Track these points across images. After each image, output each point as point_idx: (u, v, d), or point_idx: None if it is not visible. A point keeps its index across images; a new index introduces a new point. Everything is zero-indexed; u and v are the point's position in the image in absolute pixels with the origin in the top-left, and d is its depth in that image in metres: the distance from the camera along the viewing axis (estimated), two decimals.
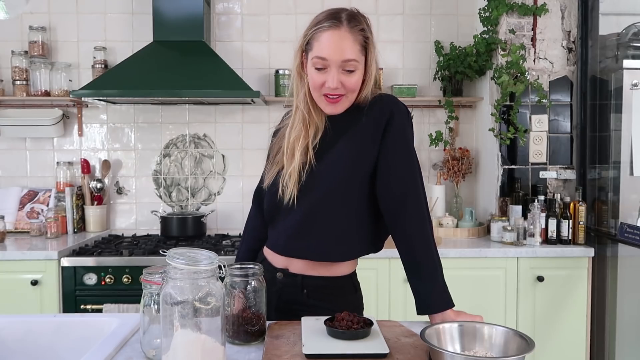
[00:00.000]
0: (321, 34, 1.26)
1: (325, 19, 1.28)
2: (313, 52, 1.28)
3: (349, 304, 1.38)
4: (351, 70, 1.28)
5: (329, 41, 1.25)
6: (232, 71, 2.72)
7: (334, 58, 1.26)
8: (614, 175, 2.61)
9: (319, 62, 1.27)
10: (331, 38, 1.25)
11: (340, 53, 1.25)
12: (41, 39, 2.97)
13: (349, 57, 1.26)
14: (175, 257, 0.98)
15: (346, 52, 1.25)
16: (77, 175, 3.09)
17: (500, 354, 1.06)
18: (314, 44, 1.28)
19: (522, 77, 2.73)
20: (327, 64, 1.26)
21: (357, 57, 1.27)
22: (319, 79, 1.28)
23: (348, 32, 1.26)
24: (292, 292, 1.40)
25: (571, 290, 2.55)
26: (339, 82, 1.27)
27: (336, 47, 1.25)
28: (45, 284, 2.45)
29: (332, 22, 1.26)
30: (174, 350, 0.97)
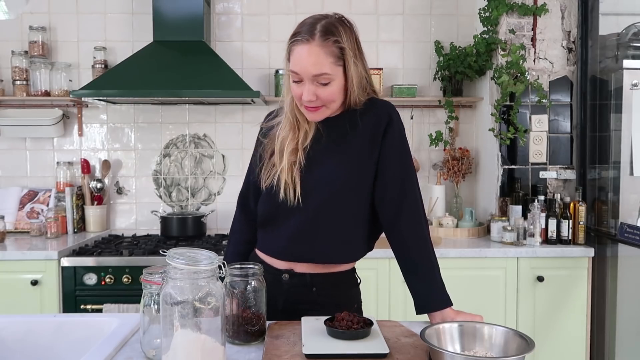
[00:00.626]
0: (294, 48, 1.28)
1: (300, 29, 1.29)
2: (290, 64, 1.30)
3: (353, 297, 1.45)
4: (325, 83, 1.28)
5: (300, 56, 1.27)
6: (232, 71, 2.72)
7: (304, 73, 1.27)
8: (614, 175, 2.61)
9: (294, 76, 1.29)
10: (301, 53, 1.26)
11: (310, 68, 1.26)
12: (41, 39, 2.97)
13: (319, 72, 1.26)
14: (175, 257, 0.98)
15: (316, 66, 1.25)
16: (77, 175, 3.09)
17: (500, 354, 1.06)
18: (290, 57, 1.30)
19: (522, 77, 2.73)
20: (300, 77, 1.28)
21: (330, 70, 1.27)
22: (297, 91, 1.30)
23: (318, 47, 1.26)
24: (301, 291, 1.40)
25: (571, 290, 2.55)
26: (313, 95, 1.28)
27: (306, 62, 1.26)
28: (45, 284, 2.45)
29: (303, 35, 1.27)
30: (174, 350, 0.97)
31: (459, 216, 2.96)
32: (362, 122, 1.35)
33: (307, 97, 1.28)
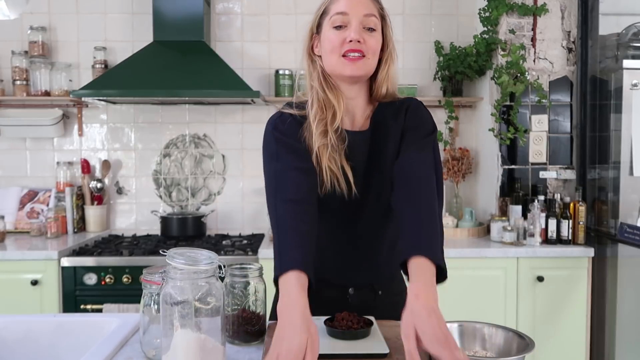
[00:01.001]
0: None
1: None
2: (331, 12, 1.23)
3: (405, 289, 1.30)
4: (372, 29, 1.23)
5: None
6: (232, 71, 2.72)
7: (354, 11, 1.21)
8: (614, 175, 2.61)
9: (339, 19, 1.22)
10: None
11: (362, 6, 1.22)
12: (41, 39, 2.97)
13: (370, 11, 1.22)
14: (175, 257, 0.98)
15: (367, 6, 1.22)
16: (77, 175, 3.09)
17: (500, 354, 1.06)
18: (331, 7, 1.24)
19: (522, 77, 2.73)
20: (347, 19, 1.21)
21: (376, 14, 1.24)
22: (339, 37, 1.22)
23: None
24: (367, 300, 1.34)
25: (571, 290, 2.55)
26: (361, 36, 1.21)
27: (356, 1, 1.22)
28: (45, 284, 2.45)
29: None
30: (174, 350, 0.97)
31: (459, 216, 2.96)
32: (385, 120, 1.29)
33: (355, 34, 1.20)
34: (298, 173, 1.19)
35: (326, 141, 1.22)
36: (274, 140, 1.25)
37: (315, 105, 1.25)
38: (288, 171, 1.20)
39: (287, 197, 1.16)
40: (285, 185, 1.18)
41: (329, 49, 1.24)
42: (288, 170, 1.20)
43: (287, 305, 1.01)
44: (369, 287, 1.36)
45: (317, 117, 1.23)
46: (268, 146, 1.26)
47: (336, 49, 1.22)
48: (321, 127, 1.23)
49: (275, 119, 1.29)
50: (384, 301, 1.35)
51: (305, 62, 1.30)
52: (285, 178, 1.19)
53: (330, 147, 1.22)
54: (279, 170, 1.20)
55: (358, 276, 1.34)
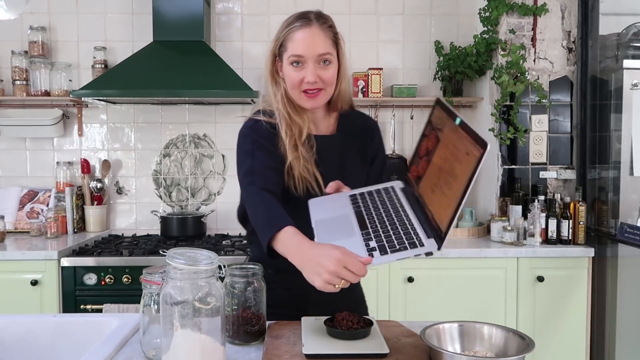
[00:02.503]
0: (294, 34, 1.34)
1: (295, 19, 1.37)
2: (288, 51, 1.34)
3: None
4: (327, 63, 1.34)
5: (303, 38, 1.33)
6: (232, 71, 2.72)
7: (309, 53, 1.32)
8: (614, 175, 2.61)
9: (296, 60, 1.33)
10: (304, 35, 1.33)
11: (315, 48, 1.32)
12: (41, 39, 2.97)
13: (323, 50, 1.33)
14: (175, 257, 0.98)
15: (320, 46, 1.33)
16: (77, 175, 3.09)
17: (500, 354, 1.06)
18: (288, 45, 1.34)
19: (522, 77, 2.73)
20: (303, 60, 1.33)
21: (330, 50, 1.35)
22: (297, 76, 1.33)
23: (318, 29, 1.34)
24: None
25: (571, 290, 2.55)
26: (316, 76, 1.33)
27: (310, 42, 1.32)
28: (45, 284, 2.45)
29: (302, 21, 1.35)
30: (174, 350, 0.97)
31: (459, 216, 2.96)
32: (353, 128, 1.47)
33: (311, 77, 1.32)
34: (271, 171, 1.33)
35: (297, 154, 1.35)
36: (250, 141, 1.36)
37: (284, 124, 1.37)
38: (262, 168, 1.32)
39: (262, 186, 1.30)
40: (260, 178, 1.31)
41: (290, 84, 1.36)
42: (262, 167, 1.33)
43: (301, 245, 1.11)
44: None
45: (287, 134, 1.36)
46: (244, 145, 1.37)
47: (296, 86, 1.35)
48: (292, 142, 1.35)
49: (252, 124, 1.40)
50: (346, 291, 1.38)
51: (269, 84, 1.41)
52: (259, 173, 1.32)
53: (302, 158, 1.35)
54: (255, 165, 1.32)
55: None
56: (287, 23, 1.37)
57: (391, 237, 1.10)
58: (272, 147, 1.36)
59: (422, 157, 1.23)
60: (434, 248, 1.04)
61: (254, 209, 1.28)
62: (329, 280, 1.02)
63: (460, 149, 1.07)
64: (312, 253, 1.07)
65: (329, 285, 1.02)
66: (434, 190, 1.12)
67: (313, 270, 1.04)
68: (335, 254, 1.02)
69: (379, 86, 2.94)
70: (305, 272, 1.06)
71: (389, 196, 1.28)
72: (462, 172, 1.02)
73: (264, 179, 1.31)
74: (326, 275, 1.01)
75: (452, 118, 1.14)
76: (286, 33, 1.35)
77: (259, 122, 1.39)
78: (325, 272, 1.01)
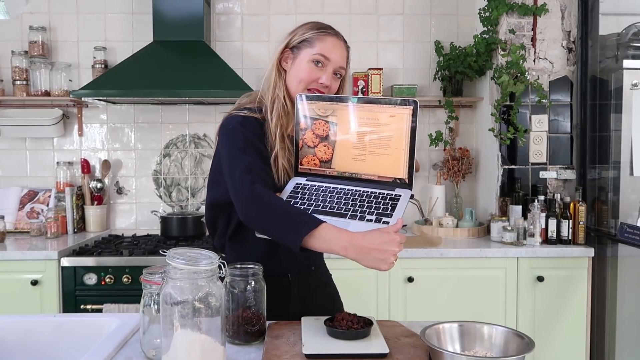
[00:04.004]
0: (326, 37, 1.41)
1: (328, 27, 1.44)
2: (315, 49, 1.39)
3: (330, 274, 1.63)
4: (339, 77, 1.44)
5: (335, 45, 1.41)
6: (232, 71, 2.72)
7: (335, 60, 1.40)
8: (614, 175, 2.61)
9: (321, 60, 1.39)
10: (336, 43, 1.42)
11: (341, 59, 1.42)
12: (41, 39, 2.97)
13: (344, 63, 1.44)
14: (175, 257, 0.98)
15: (343, 59, 1.43)
16: (77, 175, 3.09)
17: (500, 354, 1.06)
18: (317, 44, 1.39)
19: (522, 77, 2.73)
20: (327, 63, 1.40)
21: (346, 65, 1.45)
22: (315, 74, 1.39)
23: (344, 46, 1.45)
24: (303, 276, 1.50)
25: (571, 290, 2.55)
26: (330, 82, 1.41)
27: (340, 52, 1.42)
28: (45, 284, 2.45)
29: (334, 31, 1.43)
30: (174, 350, 0.97)
31: (459, 216, 2.96)
32: None
33: (327, 81, 1.40)
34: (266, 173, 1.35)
35: (284, 145, 1.39)
36: (243, 138, 1.35)
37: (276, 114, 1.39)
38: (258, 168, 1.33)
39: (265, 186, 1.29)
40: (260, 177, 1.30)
41: (298, 77, 1.40)
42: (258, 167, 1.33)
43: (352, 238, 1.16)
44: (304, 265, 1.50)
45: (277, 124, 1.39)
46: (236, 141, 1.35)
47: (309, 82, 1.40)
48: (280, 133, 1.39)
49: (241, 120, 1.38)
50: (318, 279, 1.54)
51: (273, 72, 1.43)
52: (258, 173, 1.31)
53: (287, 149, 1.40)
54: (252, 164, 1.31)
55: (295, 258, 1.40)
56: (316, 27, 1.43)
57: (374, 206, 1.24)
58: (261, 146, 1.37)
59: (316, 145, 1.36)
60: (409, 192, 1.24)
61: (268, 209, 1.23)
62: (394, 262, 1.13)
63: (378, 117, 1.28)
64: (369, 242, 1.13)
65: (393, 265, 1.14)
66: (362, 159, 1.31)
67: (377, 259, 1.13)
68: (390, 237, 1.12)
69: (379, 86, 2.94)
70: (367, 261, 1.14)
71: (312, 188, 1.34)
72: (396, 130, 1.26)
73: (264, 179, 1.30)
74: (393, 258, 1.13)
75: (343, 101, 1.33)
76: (316, 34, 1.41)
77: (247, 117, 1.39)
78: (392, 256, 1.12)
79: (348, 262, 1.23)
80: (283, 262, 1.42)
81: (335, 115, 1.33)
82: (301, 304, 1.43)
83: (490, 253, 2.53)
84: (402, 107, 1.25)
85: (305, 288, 1.47)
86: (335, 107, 1.33)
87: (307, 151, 1.37)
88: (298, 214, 1.22)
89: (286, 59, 1.43)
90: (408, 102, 1.25)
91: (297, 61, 1.41)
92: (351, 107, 1.32)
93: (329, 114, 1.34)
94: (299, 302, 1.44)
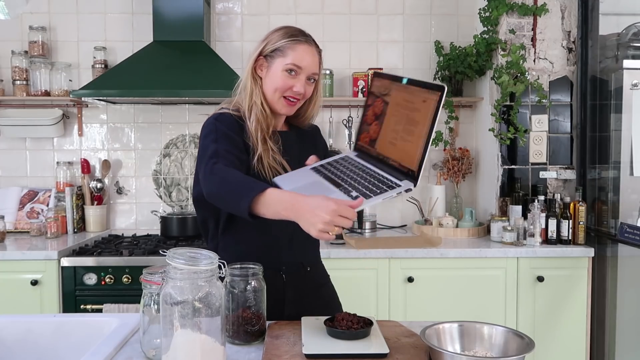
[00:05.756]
0: (298, 46, 1.44)
1: (298, 33, 1.46)
2: (287, 59, 1.43)
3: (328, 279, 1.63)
4: (312, 82, 1.48)
5: (306, 53, 1.44)
6: (232, 71, 2.72)
7: (307, 68, 1.44)
8: (614, 175, 2.61)
9: (294, 69, 1.43)
10: (307, 50, 1.45)
11: (312, 65, 1.45)
12: (41, 39, 2.97)
13: (316, 70, 1.47)
14: (175, 257, 0.98)
15: (315, 66, 1.46)
16: (77, 175, 3.09)
17: (500, 354, 1.06)
18: (289, 53, 1.43)
19: (522, 77, 2.73)
20: (299, 71, 1.44)
21: (319, 70, 1.49)
22: (289, 82, 1.43)
23: (315, 50, 1.47)
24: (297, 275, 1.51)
25: (571, 290, 2.55)
26: (304, 89, 1.45)
27: (311, 59, 1.45)
28: (45, 284, 2.45)
29: (304, 37, 1.46)
30: (174, 350, 0.97)
31: (459, 216, 2.96)
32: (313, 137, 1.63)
33: (301, 89, 1.44)
34: (234, 157, 1.37)
35: (266, 146, 1.43)
36: (215, 129, 1.41)
37: (254, 120, 1.44)
38: (226, 152, 1.36)
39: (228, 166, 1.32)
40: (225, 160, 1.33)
41: (274, 86, 1.44)
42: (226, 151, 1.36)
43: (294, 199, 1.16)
44: (299, 264, 1.51)
45: (257, 129, 1.43)
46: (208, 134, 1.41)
47: (283, 90, 1.44)
48: (262, 136, 1.43)
49: (218, 115, 1.46)
50: (314, 280, 1.55)
51: (249, 80, 1.48)
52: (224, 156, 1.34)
53: (270, 150, 1.43)
54: (219, 149, 1.35)
55: (289, 254, 1.48)
56: (289, 34, 1.45)
57: (368, 186, 1.20)
58: (235, 137, 1.41)
59: (371, 123, 1.38)
60: (411, 185, 1.17)
61: (223, 180, 1.28)
62: (323, 229, 1.09)
63: (415, 101, 1.23)
64: (307, 204, 1.13)
65: (324, 234, 1.10)
66: (395, 143, 1.27)
67: (308, 221, 1.11)
68: (328, 204, 1.09)
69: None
70: (302, 223, 1.13)
71: (349, 162, 1.37)
72: (422, 117, 1.19)
73: (230, 161, 1.34)
74: (320, 225, 1.09)
75: (398, 80, 1.32)
76: (289, 43, 1.44)
77: (224, 113, 1.46)
78: (320, 222, 1.09)
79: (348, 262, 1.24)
80: (276, 256, 1.45)
81: (390, 95, 1.33)
82: (296, 306, 1.44)
83: (490, 253, 2.53)
84: (433, 92, 1.17)
85: (300, 289, 1.48)
86: (392, 87, 1.33)
87: (365, 128, 1.41)
88: (248, 182, 1.24)
89: (261, 67, 1.47)
90: (437, 87, 1.17)
91: (272, 70, 1.45)
92: (402, 88, 1.29)
93: (386, 92, 1.34)
94: (294, 303, 1.45)
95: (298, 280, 1.48)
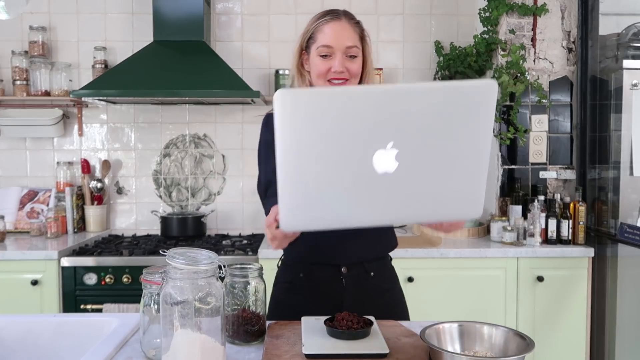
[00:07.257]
0: (324, 26, 1.39)
1: (325, 14, 1.41)
2: (317, 42, 1.39)
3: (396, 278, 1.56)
4: (353, 56, 1.39)
5: (333, 30, 1.38)
6: (232, 71, 2.72)
7: (338, 45, 1.37)
8: (614, 175, 2.61)
9: (324, 50, 1.38)
10: (334, 27, 1.39)
11: (344, 40, 1.38)
12: (41, 39, 2.97)
13: (351, 43, 1.38)
14: (175, 257, 0.98)
15: (348, 39, 1.38)
16: (77, 175, 3.09)
17: (500, 354, 1.06)
18: (318, 36, 1.39)
19: (522, 77, 2.73)
20: (332, 51, 1.38)
21: (357, 44, 1.40)
22: (325, 65, 1.38)
23: (347, 23, 1.40)
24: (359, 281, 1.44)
25: (571, 290, 2.55)
26: (344, 67, 1.38)
27: (339, 35, 1.38)
28: (45, 284, 2.45)
29: (332, 15, 1.40)
30: (174, 350, 0.97)
31: None
32: None
33: (339, 67, 1.37)
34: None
35: None
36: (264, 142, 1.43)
37: None
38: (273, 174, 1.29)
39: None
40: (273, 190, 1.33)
41: (315, 74, 1.41)
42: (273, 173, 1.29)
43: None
44: (361, 267, 1.44)
45: None
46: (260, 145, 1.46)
47: (322, 75, 1.40)
48: None
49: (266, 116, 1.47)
50: (378, 285, 1.46)
51: (296, 77, 1.47)
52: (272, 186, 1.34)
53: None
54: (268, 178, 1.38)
55: (348, 253, 1.42)
56: (317, 17, 1.42)
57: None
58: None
59: None
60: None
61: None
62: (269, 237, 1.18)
63: None
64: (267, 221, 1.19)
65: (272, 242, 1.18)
66: None
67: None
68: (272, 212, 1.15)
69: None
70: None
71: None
72: None
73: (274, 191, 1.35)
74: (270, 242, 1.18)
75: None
76: (316, 26, 1.40)
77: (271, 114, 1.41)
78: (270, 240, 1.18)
79: None
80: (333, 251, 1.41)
81: None
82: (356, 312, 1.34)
83: (490, 253, 2.53)
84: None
85: (360, 295, 1.42)
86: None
87: None
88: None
89: (306, 61, 1.45)
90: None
91: (311, 59, 1.43)
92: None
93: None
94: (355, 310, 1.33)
95: (359, 285, 1.43)
